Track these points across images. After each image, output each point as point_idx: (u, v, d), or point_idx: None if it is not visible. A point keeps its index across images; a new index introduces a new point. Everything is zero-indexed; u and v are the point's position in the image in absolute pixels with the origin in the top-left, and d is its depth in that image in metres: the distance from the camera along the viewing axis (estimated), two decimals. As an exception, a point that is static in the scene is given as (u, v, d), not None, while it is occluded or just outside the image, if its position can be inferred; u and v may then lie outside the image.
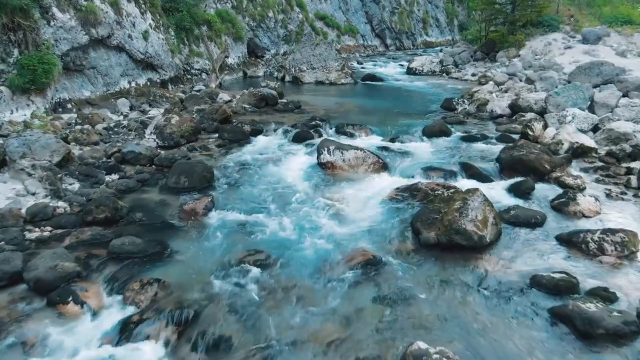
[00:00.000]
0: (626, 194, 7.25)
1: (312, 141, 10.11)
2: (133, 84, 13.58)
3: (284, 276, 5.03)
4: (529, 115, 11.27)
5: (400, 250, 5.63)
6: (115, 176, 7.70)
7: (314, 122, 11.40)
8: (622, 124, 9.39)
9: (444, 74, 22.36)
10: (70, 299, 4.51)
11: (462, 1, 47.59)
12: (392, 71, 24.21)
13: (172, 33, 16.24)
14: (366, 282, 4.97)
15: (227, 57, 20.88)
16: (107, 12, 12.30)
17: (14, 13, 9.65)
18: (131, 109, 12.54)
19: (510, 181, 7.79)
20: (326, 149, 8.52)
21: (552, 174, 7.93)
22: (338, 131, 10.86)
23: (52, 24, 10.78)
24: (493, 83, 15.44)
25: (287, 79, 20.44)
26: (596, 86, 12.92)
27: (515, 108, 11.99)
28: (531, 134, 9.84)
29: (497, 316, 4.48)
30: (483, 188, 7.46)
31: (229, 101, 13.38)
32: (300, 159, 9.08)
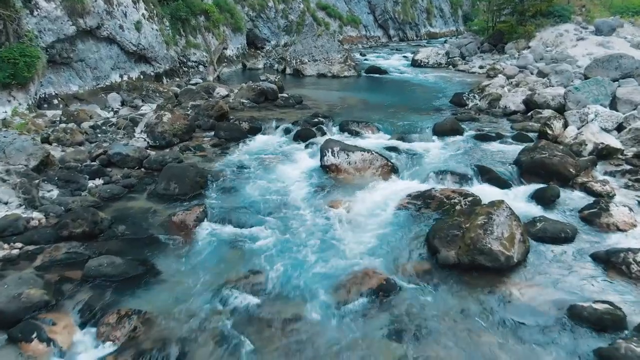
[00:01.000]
0: (662, 202, 6.58)
1: (314, 140, 9.42)
2: (125, 78, 12.85)
3: (284, 305, 4.37)
4: (546, 112, 10.55)
5: (415, 271, 4.96)
6: (99, 181, 7.03)
7: (316, 119, 10.71)
8: (650, 123, 8.69)
9: (450, 66, 21.61)
10: (34, 336, 3.87)
11: (467, -9, 46.59)
12: (396, 63, 23.43)
13: (167, 23, 15.47)
14: (378, 313, 4.31)
15: (226, 48, 20.10)
16: (96, 1, 11.54)
17: (-8, 2, 8.94)
18: (122, 104, 11.86)
19: (532, 187, 7.12)
20: (330, 150, 7.83)
21: (577, 179, 7.26)
22: (342, 129, 10.17)
23: (35, 13, 10.05)
24: (505, 77, 14.68)
25: (288, 71, 19.69)
26: (615, 80, 12.14)
27: (531, 104, 11.26)
28: (550, 133, 9.14)
29: (531, 358, 3.82)
30: (502, 195, 6.90)
31: (226, 96, 12.66)
32: (302, 160, 8.40)
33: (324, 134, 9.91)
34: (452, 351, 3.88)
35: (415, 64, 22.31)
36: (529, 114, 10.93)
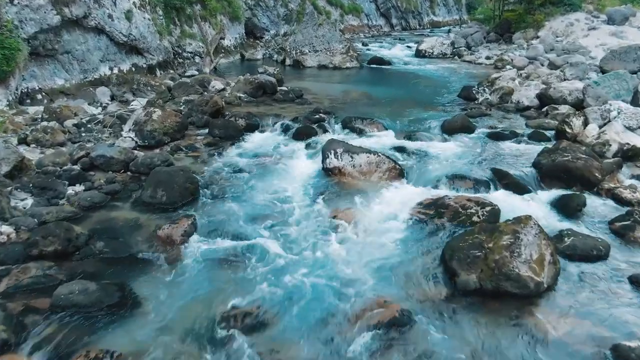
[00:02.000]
0: (700, 212, 5.94)
1: (315, 139, 8.79)
2: (115, 70, 12.17)
3: (280, 345, 3.77)
4: (562, 108, 9.89)
5: (431, 298, 4.35)
6: (79, 187, 6.40)
7: (317, 115, 10.05)
8: (679, 121, 8.03)
9: (456, 56, 20.87)
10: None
11: (471, -22, 45.51)
12: (399, 53, 22.67)
13: (161, 12, 14.73)
14: (390, 353, 3.71)
15: (223, 38, 19.33)
16: (82, -12, 10.83)
17: (-33, -11, 8.25)
18: (112, 98, 11.18)
19: (554, 193, 6.50)
20: (333, 152, 7.20)
21: (603, 184, 6.63)
22: (345, 126, 9.50)
23: (15, 2, 9.35)
24: (516, 69, 13.97)
25: (288, 62, 18.96)
26: (633, 73, 11.48)
27: (545, 99, 10.58)
28: (569, 131, 8.49)
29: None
30: (522, 203, 6.30)
31: (222, 90, 11.98)
32: (302, 162, 7.77)
33: (325, 131, 9.27)
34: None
35: (419, 54, 21.57)
36: (544, 110, 10.26)
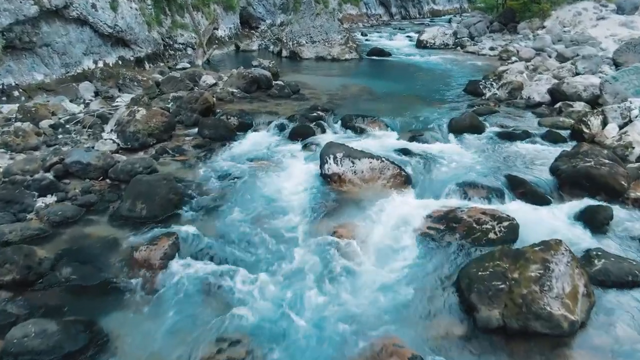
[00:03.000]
0: None
1: (313, 139, 8.17)
2: (100, 64, 11.45)
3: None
4: (577, 105, 9.24)
5: (448, 338, 3.75)
6: (51, 199, 5.76)
7: (315, 113, 9.39)
8: None
9: (459, 47, 20.12)
10: None
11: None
12: (400, 44, 21.93)
13: (149, 2, 13.97)
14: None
15: (217, 29, 18.54)
16: (62, -24, 10.08)
17: None
18: (96, 94, 10.49)
19: (576, 204, 5.88)
20: (332, 156, 6.56)
21: (630, 193, 6.02)
22: (345, 125, 8.85)
23: (-13, -9, 8.63)
24: (524, 62, 13.29)
25: (284, 53, 18.22)
26: (649, 66, 10.85)
27: (558, 94, 9.92)
28: (587, 132, 7.87)
29: None
30: (541, 215, 5.70)
31: (214, 85, 11.29)
32: (299, 166, 7.14)
33: (323, 131, 8.65)
34: None
35: (420, 45, 20.83)
36: (557, 107, 9.60)
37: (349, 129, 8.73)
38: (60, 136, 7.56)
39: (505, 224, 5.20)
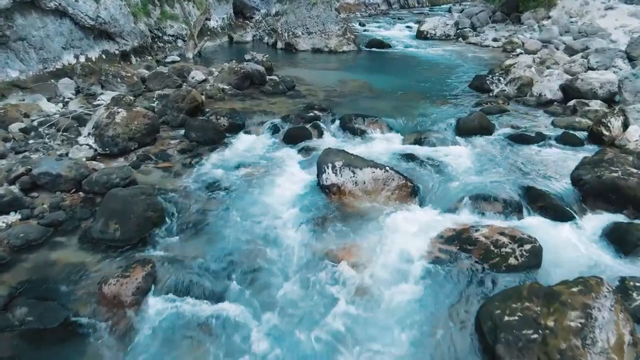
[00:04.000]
0: None
1: (309, 143, 7.55)
2: (82, 59, 10.70)
3: None
4: (593, 103, 8.61)
5: (469, 399, 3.17)
6: (14, 217, 5.11)
7: (311, 113, 8.71)
8: None
9: (460, 38, 19.40)
10: None
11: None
12: (399, 34, 21.16)
13: (136, -9, 13.17)
14: None
15: (209, 19, 17.72)
16: (38, -37, 9.30)
17: None
18: (78, 92, 9.78)
19: (602, 219, 5.33)
20: (330, 165, 5.93)
21: (661, 207, 5.42)
22: (344, 126, 8.17)
23: (-48, -20, 7.86)
24: (532, 55, 12.60)
25: (280, 45, 17.46)
26: (666, 61, 10.24)
27: (571, 91, 9.28)
28: (607, 134, 7.28)
29: None
30: (564, 234, 5.11)
31: (204, 81, 10.58)
32: (294, 175, 6.50)
33: (321, 133, 7.99)
34: None
35: (420, 35, 20.07)
36: (570, 105, 8.95)
37: (348, 130, 8.06)
38: (32, 141, 6.87)
39: (527, 247, 4.59)
